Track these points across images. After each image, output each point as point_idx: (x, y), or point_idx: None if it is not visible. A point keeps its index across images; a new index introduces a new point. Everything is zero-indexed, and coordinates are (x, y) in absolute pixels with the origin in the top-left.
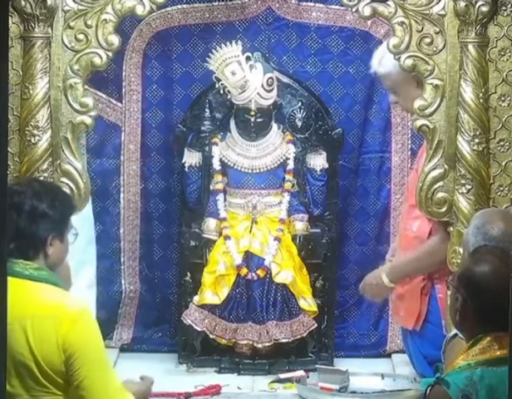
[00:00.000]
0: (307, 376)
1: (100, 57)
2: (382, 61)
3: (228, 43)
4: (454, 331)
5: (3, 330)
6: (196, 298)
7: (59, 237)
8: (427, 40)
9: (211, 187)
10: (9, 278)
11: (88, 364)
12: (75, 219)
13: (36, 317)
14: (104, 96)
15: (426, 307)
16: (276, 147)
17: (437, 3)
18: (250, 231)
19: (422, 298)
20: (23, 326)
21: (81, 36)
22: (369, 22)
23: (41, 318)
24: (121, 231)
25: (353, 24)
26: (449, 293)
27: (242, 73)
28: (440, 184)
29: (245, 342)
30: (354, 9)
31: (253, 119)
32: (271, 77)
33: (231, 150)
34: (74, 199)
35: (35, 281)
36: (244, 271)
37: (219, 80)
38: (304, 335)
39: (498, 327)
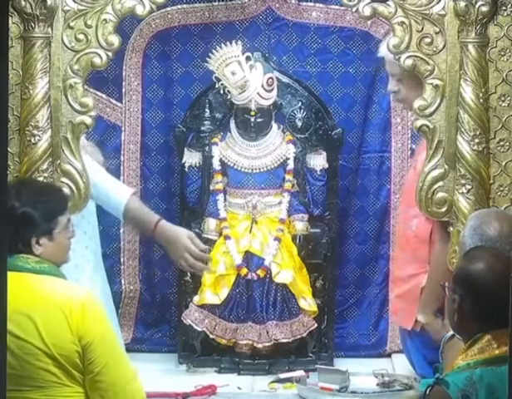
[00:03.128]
0: (307, 376)
1: (100, 57)
2: None
3: (228, 43)
4: (452, 331)
5: (3, 330)
6: (196, 298)
7: (46, 236)
8: (427, 40)
9: (211, 187)
10: (12, 273)
11: (107, 349)
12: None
13: (44, 309)
14: (104, 96)
15: None
16: (276, 147)
17: (437, 3)
18: (250, 231)
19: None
20: (32, 318)
21: (81, 37)
22: (369, 22)
23: (50, 309)
24: (121, 231)
25: (353, 24)
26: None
27: (242, 73)
28: (440, 184)
29: (245, 342)
30: (354, 9)
31: (253, 119)
32: (271, 77)
33: (231, 150)
34: (65, 198)
35: (37, 274)
36: (244, 271)
37: (219, 80)
38: (304, 335)
39: (496, 325)
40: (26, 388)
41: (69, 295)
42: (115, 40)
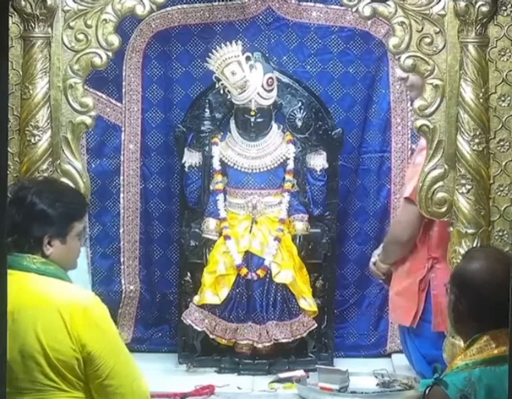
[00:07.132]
0: (307, 376)
1: (100, 57)
2: None
3: (228, 43)
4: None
5: (3, 330)
6: (196, 298)
7: (59, 238)
8: (427, 40)
9: (211, 187)
10: (16, 272)
11: (113, 354)
12: None
13: (44, 310)
14: (104, 96)
15: (423, 304)
16: (276, 147)
17: (437, 3)
18: (250, 231)
19: (420, 294)
20: (32, 318)
21: (81, 36)
22: (369, 22)
23: (49, 312)
24: (121, 231)
25: (353, 24)
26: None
27: (242, 73)
28: (440, 184)
29: (245, 342)
30: (354, 9)
31: (253, 119)
32: (271, 77)
33: (231, 150)
34: (85, 205)
35: (42, 275)
36: (244, 271)
37: (219, 80)
38: (304, 335)
39: (494, 325)
40: (23, 391)
41: (71, 300)
42: (115, 40)
